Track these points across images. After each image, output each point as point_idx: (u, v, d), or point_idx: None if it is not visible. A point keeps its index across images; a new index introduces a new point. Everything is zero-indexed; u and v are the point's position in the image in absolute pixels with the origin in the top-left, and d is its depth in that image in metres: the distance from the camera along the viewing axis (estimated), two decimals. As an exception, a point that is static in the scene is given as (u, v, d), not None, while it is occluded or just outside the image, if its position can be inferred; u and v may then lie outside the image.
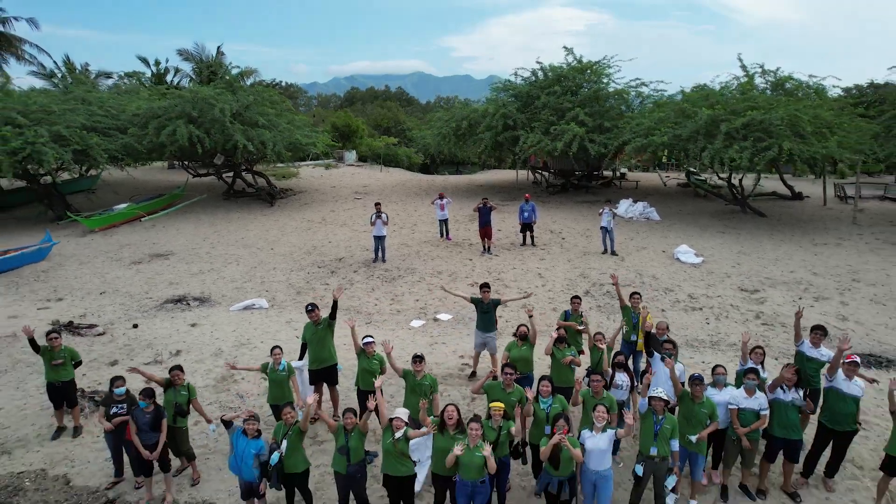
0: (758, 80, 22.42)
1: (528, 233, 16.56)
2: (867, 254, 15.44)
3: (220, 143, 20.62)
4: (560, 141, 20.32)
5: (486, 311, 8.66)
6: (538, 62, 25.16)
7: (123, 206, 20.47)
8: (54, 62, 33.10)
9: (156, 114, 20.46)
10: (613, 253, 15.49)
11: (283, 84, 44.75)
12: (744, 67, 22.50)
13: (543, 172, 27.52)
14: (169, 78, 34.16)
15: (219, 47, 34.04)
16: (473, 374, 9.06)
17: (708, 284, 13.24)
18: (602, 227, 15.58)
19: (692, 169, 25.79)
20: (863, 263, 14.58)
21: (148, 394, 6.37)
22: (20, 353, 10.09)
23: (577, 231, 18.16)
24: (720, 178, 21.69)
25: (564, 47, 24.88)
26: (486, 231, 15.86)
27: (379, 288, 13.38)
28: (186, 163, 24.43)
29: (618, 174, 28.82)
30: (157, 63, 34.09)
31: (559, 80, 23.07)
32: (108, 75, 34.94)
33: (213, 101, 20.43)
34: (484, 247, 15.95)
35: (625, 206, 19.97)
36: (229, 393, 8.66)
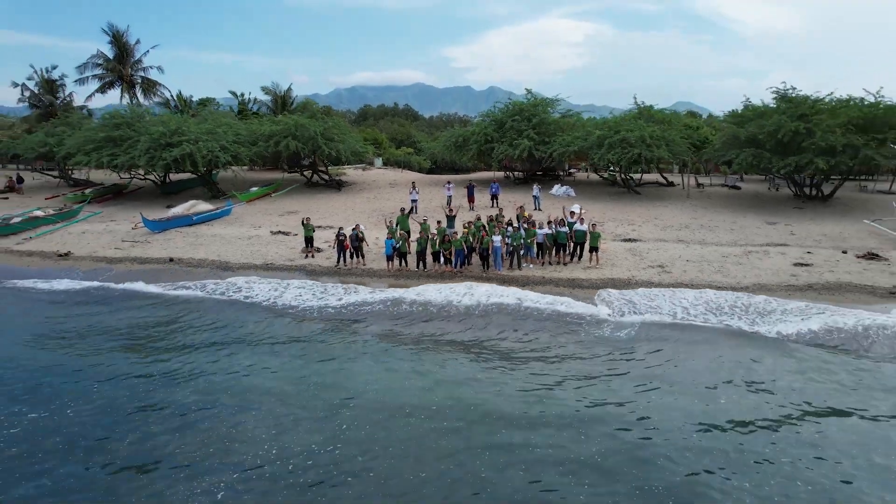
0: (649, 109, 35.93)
1: (494, 201, 29.85)
2: (675, 210, 28.73)
3: (311, 152, 34.06)
4: (517, 150, 33.68)
5: (451, 220, 22.08)
6: (509, 98, 38.67)
7: (255, 189, 33.93)
8: (171, 95, 46.92)
9: (274, 133, 33.89)
10: (539, 210, 28.77)
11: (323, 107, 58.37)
12: (636, 102, 36.06)
13: (515, 172, 40.82)
14: (250, 106, 47.82)
15: (290, 85, 47.83)
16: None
17: (591, 225, 26.48)
18: (533, 196, 28.96)
19: (611, 168, 39.04)
20: (667, 213, 27.90)
21: (356, 228, 19.85)
22: (266, 241, 23.48)
23: (526, 202, 31.41)
24: (620, 173, 34.93)
25: (526, 89, 38.35)
26: (471, 199, 29.20)
27: (413, 221, 26.64)
28: (284, 164, 37.72)
29: (566, 172, 42.11)
30: (242, 95, 47.81)
31: (520, 112, 36.45)
32: (204, 104, 48.62)
33: (307, 125, 33.82)
34: (470, 207, 29.24)
35: (555, 188, 33.32)
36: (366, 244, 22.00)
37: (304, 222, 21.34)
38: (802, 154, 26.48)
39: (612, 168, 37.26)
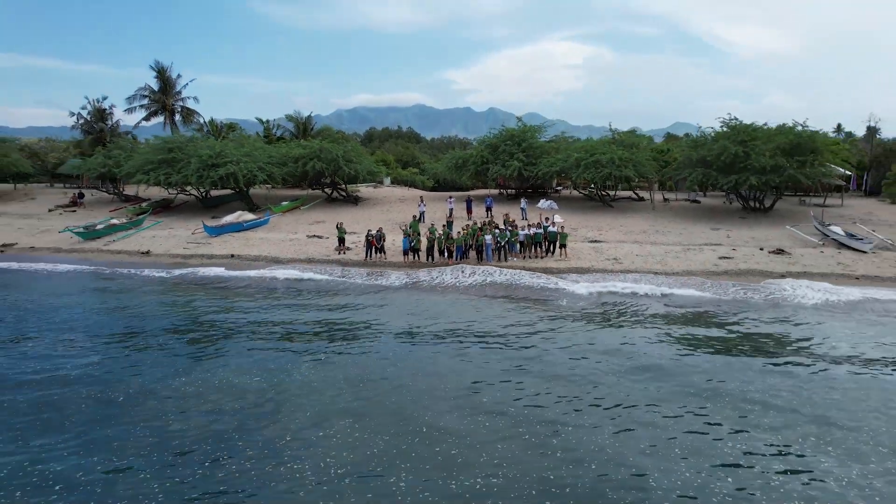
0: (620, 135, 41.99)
1: (489, 212, 35.67)
2: (639, 219, 34.51)
3: (333, 172, 40.00)
4: (509, 169, 39.58)
5: (450, 225, 27.88)
6: (502, 125, 44.77)
7: (286, 202, 39.77)
8: (203, 122, 53.11)
9: (302, 156, 39.83)
10: (525, 220, 34.53)
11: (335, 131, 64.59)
12: (610, 129, 42.13)
13: (508, 189, 46.71)
14: (274, 131, 53.99)
15: (310, 114, 54.08)
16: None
17: (560, 227, 32.25)
18: (521, 208, 34.80)
19: (592, 186, 44.93)
20: (631, 222, 33.68)
21: (380, 230, 25.67)
22: (304, 242, 29.23)
23: (516, 213, 37.21)
24: (598, 189, 40.77)
25: (517, 117, 44.44)
26: (469, 211, 35.03)
27: (422, 227, 32.36)
28: (307, 182, 43.56)
29: (553, 189, 47.99)
30: (267, 121, 54.03)
31: (511, 137, 42.44)
32: (231, 128, 54.79)
33: (331, 148, 39.76)
34: (468, 218, 35.03)
35: (541, 202, 39.17)
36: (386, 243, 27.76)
37: (338, 226, 27.14)
38: (742, 173, 32.38)
39: (591, 186, 43.34)
